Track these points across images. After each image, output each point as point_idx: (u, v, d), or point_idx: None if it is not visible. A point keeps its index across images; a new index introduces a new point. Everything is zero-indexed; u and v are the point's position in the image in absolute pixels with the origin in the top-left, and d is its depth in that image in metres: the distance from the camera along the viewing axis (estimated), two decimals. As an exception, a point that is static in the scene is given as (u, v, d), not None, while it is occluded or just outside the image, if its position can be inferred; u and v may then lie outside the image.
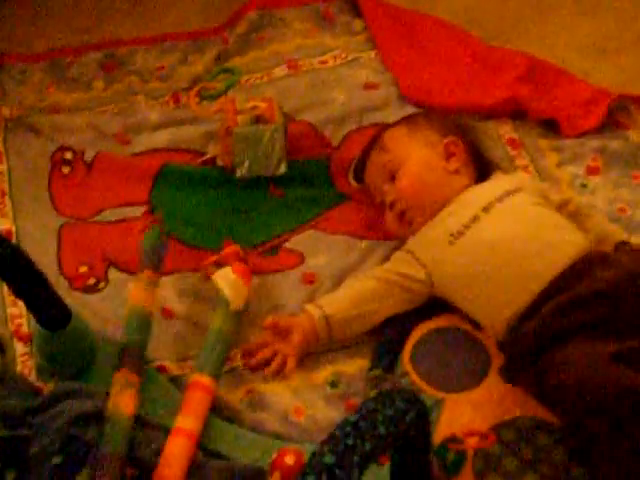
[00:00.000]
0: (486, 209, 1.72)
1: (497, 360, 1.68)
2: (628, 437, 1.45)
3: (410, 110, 2.08)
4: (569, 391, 1.50)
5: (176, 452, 1.47)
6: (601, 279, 1.58)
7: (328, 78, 2.21)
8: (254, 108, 1.96)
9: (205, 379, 1.60)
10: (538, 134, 2.09)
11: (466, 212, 1.73)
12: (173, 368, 1.68)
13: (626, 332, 1.54)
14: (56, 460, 1.41)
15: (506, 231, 1.68)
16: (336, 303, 1.74)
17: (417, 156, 1.83)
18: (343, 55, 2.27)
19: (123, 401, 1.50)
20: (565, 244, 1.65)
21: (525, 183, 1.82)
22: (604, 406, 1.45)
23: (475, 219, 1.71)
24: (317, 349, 1.73)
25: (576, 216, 1.79)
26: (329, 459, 1.06)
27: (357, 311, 1.72)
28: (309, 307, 1.74)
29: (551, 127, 2.10)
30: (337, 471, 1.04)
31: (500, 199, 1.73)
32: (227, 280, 1.70)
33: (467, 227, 1.71)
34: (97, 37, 2.34)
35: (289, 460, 1.28)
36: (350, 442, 1.07)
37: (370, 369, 1.68)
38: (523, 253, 1.65)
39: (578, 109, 2.11)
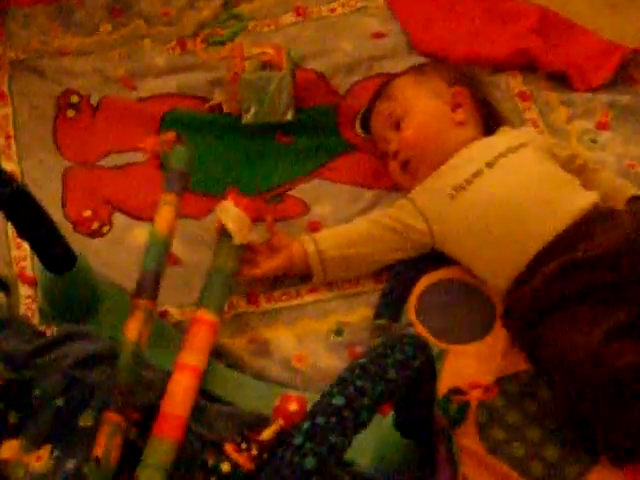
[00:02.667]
0: (489, 164, 1.70)
1: (502, 313, 1.67)
2: (618, 415, 1.45)
3: (419, 60, 2.06)
4: (558, 369, 1.50)
5: (181, 388, 1.46)
6: (599, 243, 1.56)
7: (336, 26, 2.19)
8: (262, 54, 1.94)
9: (209, 315, 1.58)
10: (548, 87, 2.07)
11: (469, 166, 1.71)
12: (175, 313, 1.68)
13: (622, 300, 1.52)
14: (59, 402, 1.41)
15: (507, 188, 1.66)
16: (331, 239, 1.73)
17: (423, 105, 1.81)
18: (351, 3, 2.24)
19: (142, 332, 1.46)
20: (566, 204, 1.63)
21: (531, 138, 1.79)
22: (594, 386, 1.45)
23: (478, 174, 1.69)
24: (315, 282, 1.74)
25: (584, 171, 1.78)
26: (338, 400, 1.05)
27: (352, 250, 1.72)
28: (305, 239, 1.74)
29: (562, 81, 2.07)
30: (346, 413, 1.04)
31: (504, 154, 1.71)
32: (230, 213, 1.67)
33: (469, 182, 1.69)
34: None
35: (292, 407, 1.27)
36: (360, 384, 1.06)
37: (375, 318, 1.68)
38: (523, 212, 1.63)
39: (589, 63, 2.08)
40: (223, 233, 1.68)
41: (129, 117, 2.00)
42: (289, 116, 1.92)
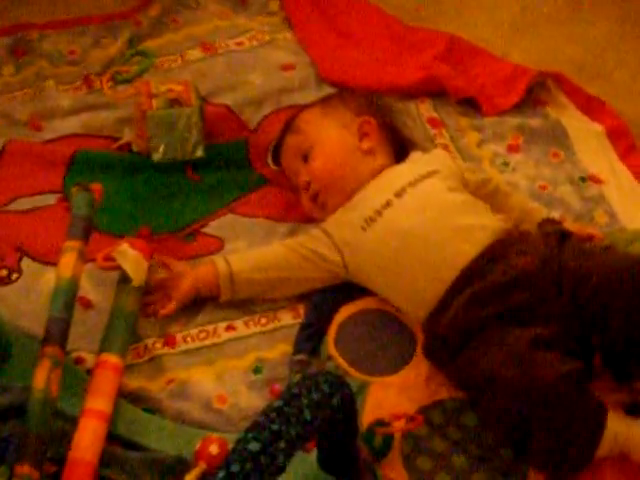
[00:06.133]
0: (398, 194, 1.70)
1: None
2: (550, 426, 1.45)
3: (328, 91, 2.07)
4: (486, 392, 1.49)
5: (88, 434, 1.45)
6: (512, 267, 1.56)
7: (244, 60, 2.19)
8: (169, 91, 1.92)
9: (112, 358, 1.57)
10: (458, 113, 2.09)
11: (378, 197, 1.71)
12: (90, 359, 1.63)
13: (540, 318, 1.53)
14: (-29, 459, 1.37)
15: (417, 218, 1.66)
16: (245, 262, 1.73)
17: (329, 136, 1.81)
18: (259, 36, 2.24)
19: (51, 380, 1.44)
20: (477, 230, 1.64)
21: (441, 163, 1.79)
22: (523, 399, 1.45)
23: (388, 204, 1.69)
24: (221, 301, 1.73)
25: (496, 195, 1.79)
26: (254, 446, 1.03)
27: (263, 275, 1.72)
28: (217, 261, 1.73)
29: (471, 106, 2.09)
30: (262, 458, 1.01)
31: (413, 183, 1.71)
32: (127, 256, 1.67)
33: (379, 213, 1.69)
34: (6, 21, 2.28)
35: (213, 449, 1.25)
36: (275, 428, 1.04)
37: (294, 353, 1.66)
38: (433, 241, 1.63)
39: (497, 87, 2.12)
40: (121, 275, 1.68)
41: (36, 160, 1.96)
42: (199, 152, 1.90)
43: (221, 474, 1.01)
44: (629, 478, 1.48)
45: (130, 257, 1.67)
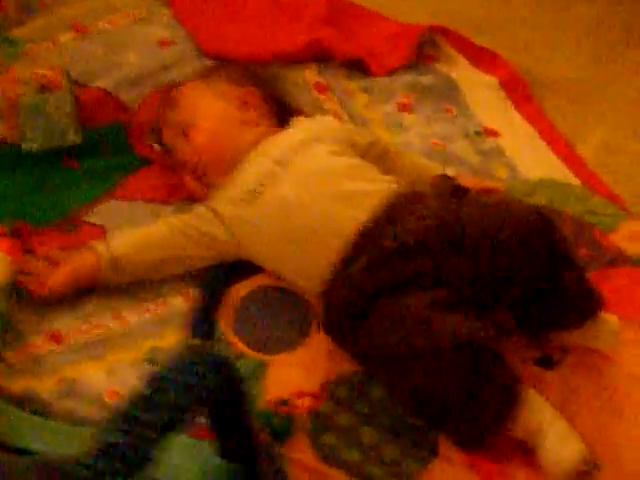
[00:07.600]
0: (282, 163, 1.64)
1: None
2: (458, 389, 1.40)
3: (209, 64, 2.00)
4: (387, 361, 1.44)
5: None
6: (409, 230, 1.50)
7: (120, 39, 2.10)
8: (38, 77, 1.83)
9: None
10: (345, 76, 2.04)
11: (260, 168, 1.65)
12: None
13: (440, 283, 1.47)
14: None
15: (301, 187, 1.60)
16: (126, 245, 1.65)
17: (209, 109, 1.75)
18: (135, 12, 2.16)
19: None
20: (365, 196, 1.58)
21: (325, 128, 1.74)
22: (431, 362, 1.40)
23: (270, 175, 1.63)
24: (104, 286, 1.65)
25: (385, 156, 1.74)
26: (117, 437, 0.94)
27: (148, 257, 1.65)
28: (97, 246, 1.65)
29: (359, 68, 2.04)
30: (127, 451, 0.93)
31: (295, 151, 1.65)
32: None
33: (263, 185, 1.63)
34: None
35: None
36: (140, 416, 0.96)
37: (189, 338, 1.58)
38: (319, 210, 1.57)
39: (384, 46, 2.08)
40: None
41: None
42: (73, 138, 1.82)
43: (83, 468, 0.93)
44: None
45: None
